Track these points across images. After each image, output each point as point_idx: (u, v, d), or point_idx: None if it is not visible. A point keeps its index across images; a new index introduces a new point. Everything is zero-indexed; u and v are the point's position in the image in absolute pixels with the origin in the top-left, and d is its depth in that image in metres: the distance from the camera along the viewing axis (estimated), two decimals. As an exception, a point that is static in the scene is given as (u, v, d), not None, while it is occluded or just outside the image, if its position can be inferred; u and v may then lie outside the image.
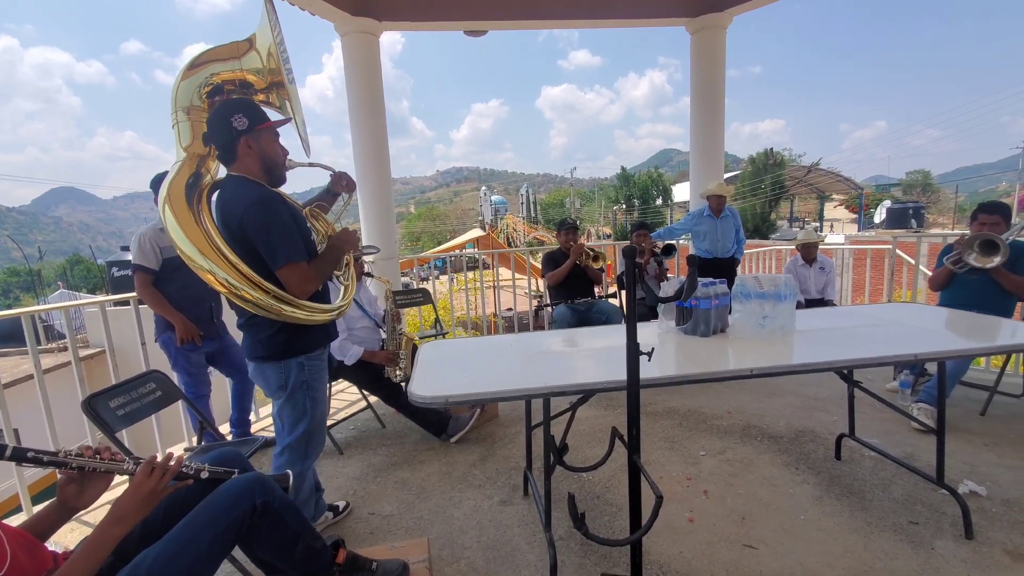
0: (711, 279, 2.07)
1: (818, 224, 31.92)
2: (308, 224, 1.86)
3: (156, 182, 2.61)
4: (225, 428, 2.98)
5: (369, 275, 3.27)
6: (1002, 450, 2.40)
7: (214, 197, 1.80)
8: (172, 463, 1.15)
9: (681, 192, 37.81)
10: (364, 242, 4.40)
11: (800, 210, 37.38)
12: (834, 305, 4.23)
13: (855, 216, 33.57)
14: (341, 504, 2.19)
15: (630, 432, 1.36)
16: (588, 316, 3.98)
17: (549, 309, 4.17)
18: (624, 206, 40.01)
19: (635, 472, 1.35)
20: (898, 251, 4.32)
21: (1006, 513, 1.91)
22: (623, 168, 43.61)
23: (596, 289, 4.21)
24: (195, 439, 2.66)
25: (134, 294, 2.69)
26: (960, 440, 2.52)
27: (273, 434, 2.04)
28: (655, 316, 2.33)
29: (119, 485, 2.48)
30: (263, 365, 1.77)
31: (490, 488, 2.34)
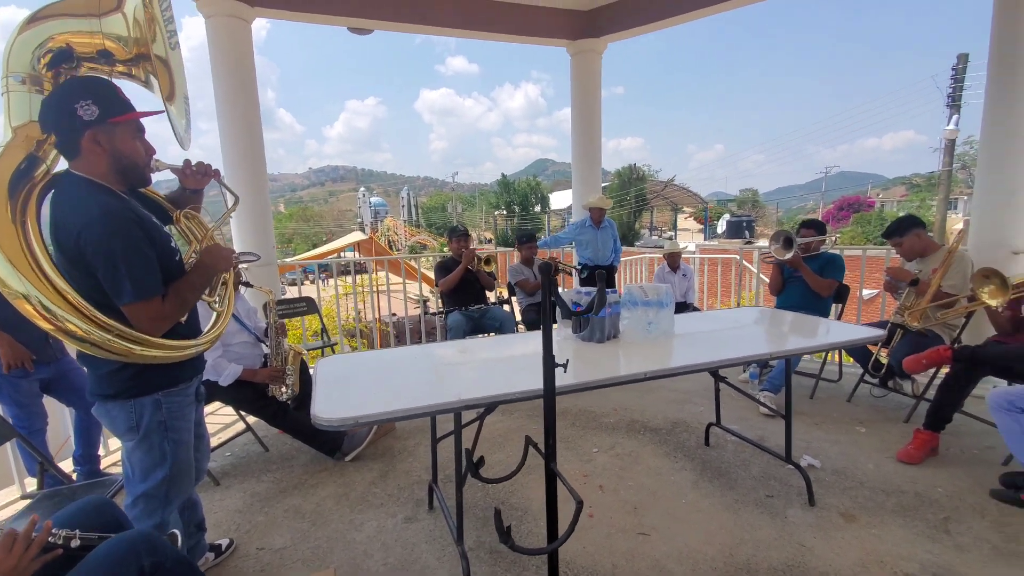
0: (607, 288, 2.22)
1: (673, 233, 35.75)
2: (172, 243, 1.52)
3: None
4: (67, 465, 2.51)
5: (247, 285, 2.98)
6: (828, 427, 2.90)
7: (47, 198, 1.40)
8: (37, 534, 0.93)
9: (557, 200, 39.85)
10: (238, 248, 3.99)
11: (658, 220, 41.54)
12: (696, 307, 4.78)
13: (701, 227, 38.15)
14: (224, 542, 1.96)
15: (547, 441, 1.41)
16: (482, 323, 4.03)
17: (441, 316, 4.15)
18: (505, 212, 41.06)
19: (552, 480, 1.40)
20: (744, 262, 5.01)
21: (837, 481, 2.32)
22: (503, 175, 44.78)
23: (488, 295, 4.29)
24: (32, 483, 2.20)
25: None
26: (796, 421, 2.98)
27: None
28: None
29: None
30: (107, 404, 1.45)
31: (393, 506, 2.26)
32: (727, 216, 34.28)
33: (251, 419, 2.86)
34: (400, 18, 4.74)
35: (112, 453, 2.91)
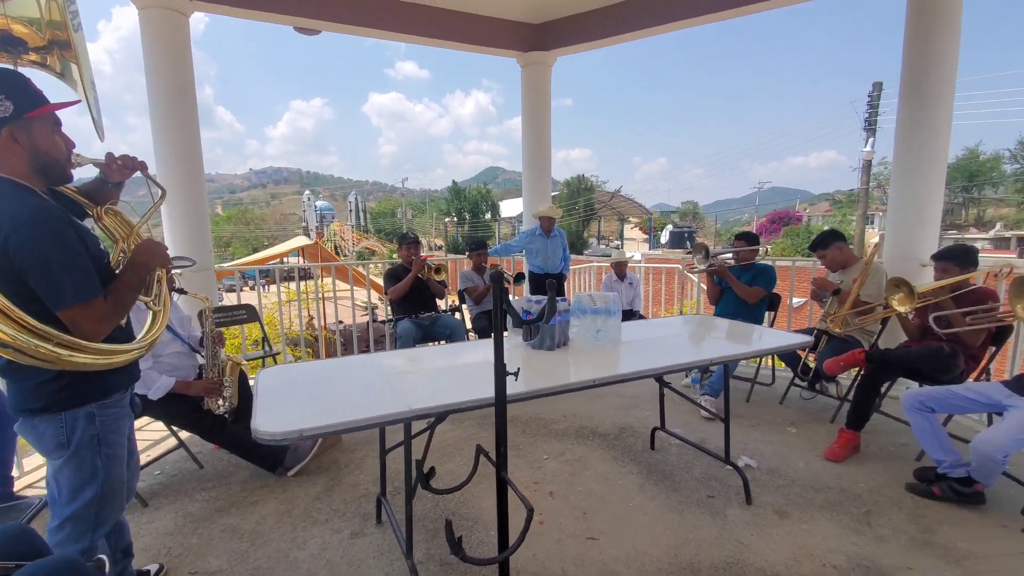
0: (558, 297, 2.25)
1: (620, 243, 36.87)
2: (101, 244, 1.44)
3: None
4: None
5: (181, 291, 2.81)
6: (763, 429, 3.06)
7: None
8: None
9: (507, 208, 40.14)
10: (171, 252, 3.76)
11: (605, 230, 42.66)
12: (642, 315, 4.94)
13: (646, 237, 39.55)
14: (152, 568, 1.83)
15: (498, 449, 1.41)
16: (432, 331, 3.99)
17: (390, 324, 4.08)
18: (455, 219, 40.93)
19: (503, 488, 1.40)
20: (687, 272, 5.23)
21: (771, 480, 2.46)
22: (454, 182, 44.66)
23: (439, 303, 4.25)
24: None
25: None
26: (734, 423, 3.11)
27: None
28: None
29: None
30: (34, 419, 1.34)
31: (338, 521, 2.19)
32: (670, 227, 35.76)
33: (184, 434, 2.69)
34: (349, 20, 4.65)
35: (27, 474, 2.65)
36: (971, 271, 2.62)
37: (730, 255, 3.69)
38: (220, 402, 2.55)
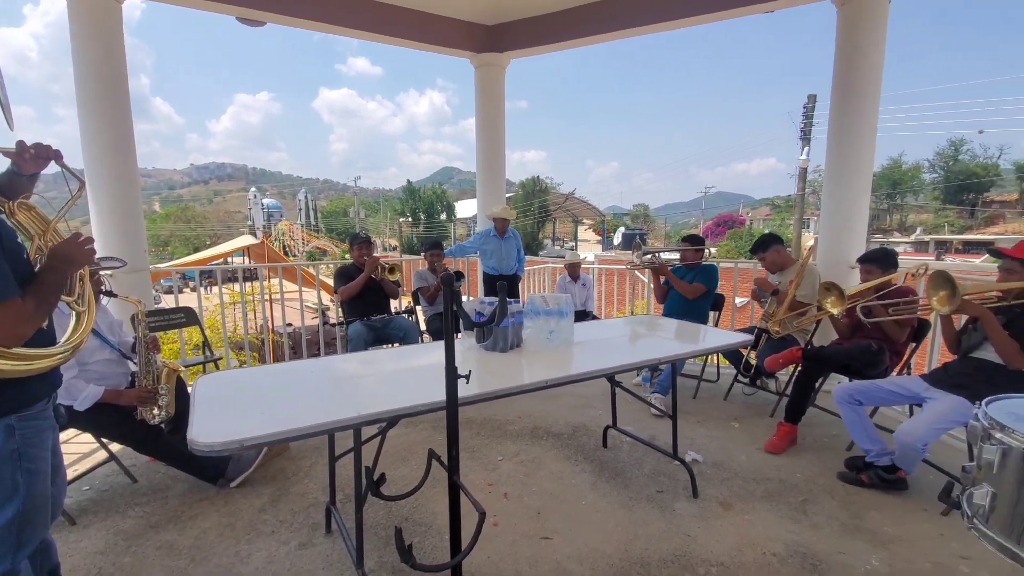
0: (509, 299, 2.26)
1: (574, 244, 37.47)
2: (18, 238, 1.32)
3: None
4: None
5: (111, 294, 2.63)
6: (709, 424, 3.19)
7: None
8: None
9: (463, 208, 39.98)
10: (100, 252, 3.51)
11: (560, 231, 43.23)
12: (595, 316, 5.03)
13: (600, 238, 40.39)
14: (78, 592, 1.71)
15: (450, 453, 1.40)
16: (385, 333, 3.92)
17: (342, 327, 3.97)
18: (410, 219, 40.38)
19: (455, 493, 1.39)
20: (637, 272, 5.36)
21: (716, 473, 2.56)
22: (409, 181, 44.05)
23: (392, 304, 4.17)
24: None
25: None
26: (681, 419, 3.22)
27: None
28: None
29: None
30: None
31: (285, 532, 2.11)
32: (622, 229, 36.76)
33: (115, 447, 2.53)
34: (294, 13, 4.49)
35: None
36: (892, 272, 2.82)
37: (669, 254, 3.88)
38: (155, 411, 2.40)
